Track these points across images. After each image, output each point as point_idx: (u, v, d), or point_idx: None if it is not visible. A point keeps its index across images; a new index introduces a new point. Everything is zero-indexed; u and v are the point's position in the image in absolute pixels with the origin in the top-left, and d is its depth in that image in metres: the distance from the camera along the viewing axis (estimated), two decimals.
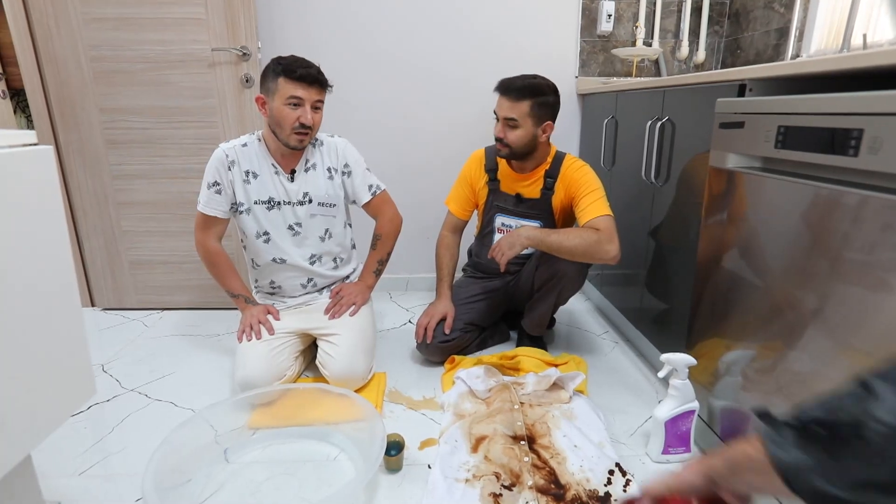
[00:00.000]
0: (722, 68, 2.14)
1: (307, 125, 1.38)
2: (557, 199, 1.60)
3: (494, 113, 1.55)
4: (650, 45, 2.13)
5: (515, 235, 1.43)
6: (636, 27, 2.11)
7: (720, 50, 2.18)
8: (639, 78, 2.14)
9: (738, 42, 2.08)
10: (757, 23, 1.96)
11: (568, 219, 1.66)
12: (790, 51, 1.80)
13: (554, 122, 1.54)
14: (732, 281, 1.05)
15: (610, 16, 2.08)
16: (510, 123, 1.50)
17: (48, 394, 0.74)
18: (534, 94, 1.47)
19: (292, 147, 1.43)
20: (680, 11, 2.13)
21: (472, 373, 1.46)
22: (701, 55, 2.15)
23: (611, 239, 1.40)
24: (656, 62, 2.18)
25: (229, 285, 1.54)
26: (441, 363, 1.63)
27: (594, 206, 1.47)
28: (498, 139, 1.54)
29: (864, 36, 1.47)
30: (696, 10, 2.11)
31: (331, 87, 1.43)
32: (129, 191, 1.96)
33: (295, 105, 1.36)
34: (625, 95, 1.74)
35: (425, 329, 1.59)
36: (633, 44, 2.13)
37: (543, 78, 1.52)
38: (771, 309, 0.94)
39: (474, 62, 2.09)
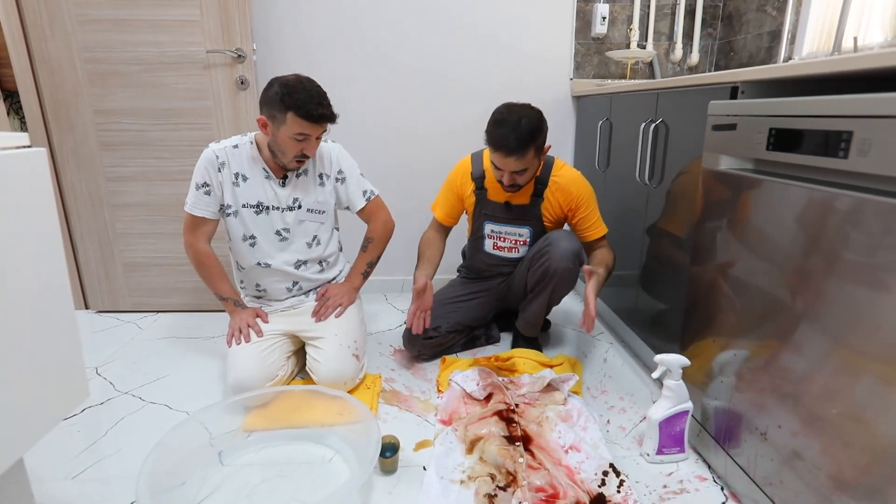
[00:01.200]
0: (715, 70, 2.16)
1: (309, 156, 1.41)
2: (548, 207, 1.59)
3: (493, 164, 1.46)
4: (644, 47, 2.15)
5: (597, 289, 1.41)
6: (630, 30, 2.13)
7: (713, 52, 2.19)
8: (633, 80, 2.15)
9: (731, 45, 2.09)
10: (750, 25, 1.98)
11: (557, 227, 1.65)
12: (782, 53, 1.82)
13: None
14: (726, 282, 1.06)
15: (604, 18, 2.09)
16: (519, 172, 1.44)
17: (41, 397, 0.74)
18: (533, 137, 1.39)
19: (289, 169, 1.46)
20: (674, 14, 2.14)
21: (467, 374, 1.46)
22: (694, 57, 2.16)
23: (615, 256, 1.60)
24: (650, 64, 2.19)
25: (218, 288, 1.52)
26: (427, 359, 1.64)
27: (596, 225, 1.59)
28: (509, 185, 1.48)
29: (855, 39, 1.48)
30: (690, 13, 2.13)
31: (337, 116, 1.39)
32: (124, 193, 1.95)
33: (301, 140, 1.36)
34: (619, 97, 1.75)
35: (420, 322, 1.58)
36: (628, 46, 2.15)
37: (524, 107, 1.43)
38: (764, 309, 0.95)
39: (469, 65, 2.09)
